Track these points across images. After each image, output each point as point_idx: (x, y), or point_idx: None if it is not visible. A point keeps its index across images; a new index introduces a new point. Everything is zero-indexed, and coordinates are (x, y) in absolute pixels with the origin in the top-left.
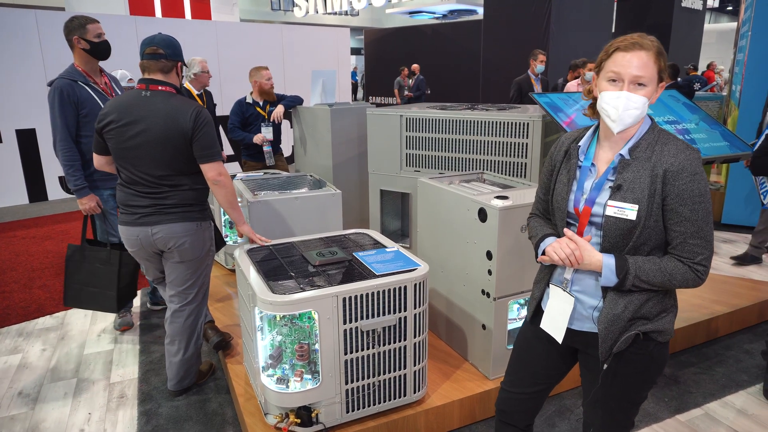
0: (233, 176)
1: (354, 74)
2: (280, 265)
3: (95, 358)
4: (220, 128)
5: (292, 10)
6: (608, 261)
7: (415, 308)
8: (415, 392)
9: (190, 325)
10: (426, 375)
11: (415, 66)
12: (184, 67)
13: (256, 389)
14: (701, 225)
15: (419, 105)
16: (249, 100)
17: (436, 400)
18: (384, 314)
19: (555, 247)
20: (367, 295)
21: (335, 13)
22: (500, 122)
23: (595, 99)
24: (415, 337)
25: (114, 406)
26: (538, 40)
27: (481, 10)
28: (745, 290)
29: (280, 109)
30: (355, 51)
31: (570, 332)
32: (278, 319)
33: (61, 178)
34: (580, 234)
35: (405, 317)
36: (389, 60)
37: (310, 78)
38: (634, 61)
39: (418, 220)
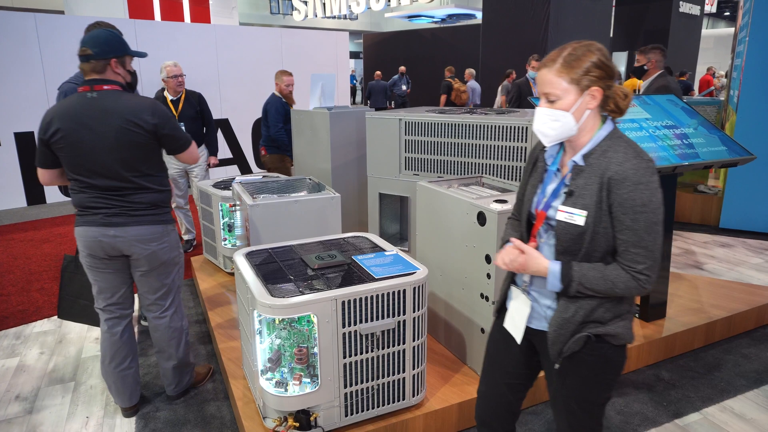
0: (232, 179)
1: (352, 78)
2: (279, 269)
3: (93, 361)
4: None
5: (291, 14)
6: (553, 268)
7: (413, 312)
8: (413, 396)
9: (176, 329)
10: (425, 378)
11: (402, 68)
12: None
13: (254, 393)
14: (642, 235)
15: (418, 109)
16: (283, 100)
17: (434, 403)
18: (383, 318)
19: (501, 253)
20: (366, 298)
21: (334, 17)
22: (499, 126)
23: None
24: (413, 340)
25: (112, 409)
26: (537, 44)
27: (479, 15)
28: (743, 295)
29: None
30: (354, 55)
31: (529, 330)
32: (277, 322)
33: None
34: (533, 235)
35: (404, 321)
36: (388, 64)
37: (309, 82)
38: (540, 79)
39: (417, 224)
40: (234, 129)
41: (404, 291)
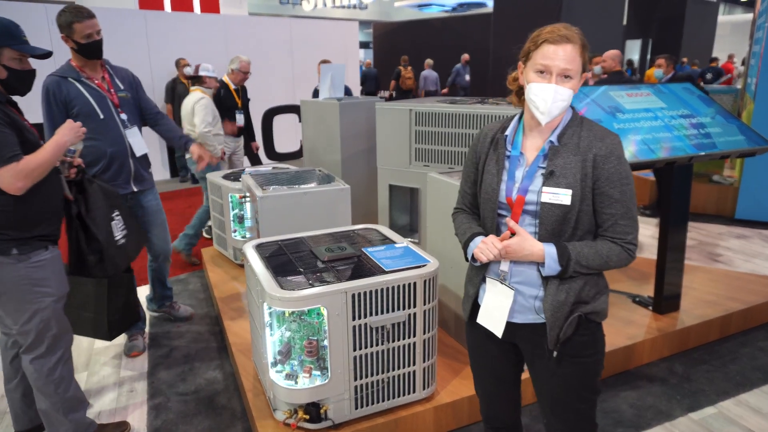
0: (242, 171)
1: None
2: (288, 261)
3: (105, 352)
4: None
5: (301, 4)
6: (550, 250)
7: (424, 304)
8: (424, 389)
9: (34, 382)
10: (435, 372)
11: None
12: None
13: (264, 385)
14: (629, 206)
15: (430, 99)
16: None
17: (445, 396)
18: (393, 310)
19: (482, 249)
20: (376, 291)
21: (344, 7)
22: (510, 117)
23: (520, 88)
24: (424, 333)
25: (124, 400)
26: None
27: (490, 3)
28: (759, 287)
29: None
30: (363, 44)
31: (511, 326)
32: (287, 315)
33: None
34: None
35: (414, 314)
36: (398, 54)
37: (319, 72)
38: (562, 54)
39: (428, 216)
40: None
41: (415, 284)
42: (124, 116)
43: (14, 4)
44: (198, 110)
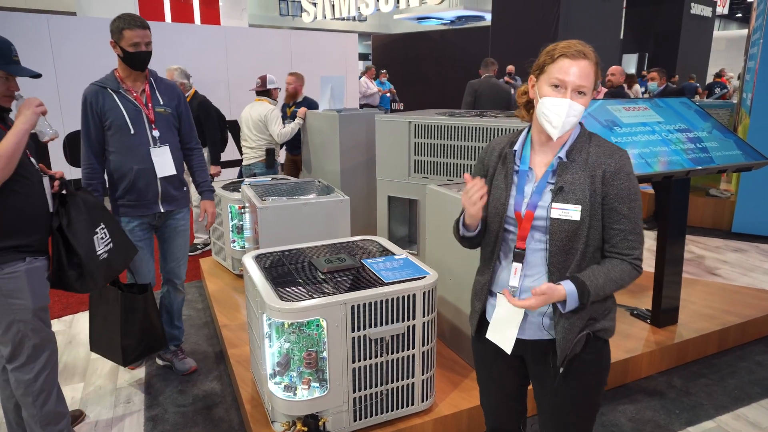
0: (241, 181)
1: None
2: (288, 272)
3: (102, 362)
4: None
5: (301, 16)
6: (570, 289)
7: (423, 316)
8: (423, 401)
9: (15, 392)
10: (434, 384)
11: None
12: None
13: (263, 396)
14: (637, 221)
15: (427, 111)
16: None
17: (444, 409)
18: (392, 322)
19: (463, 198)
20: (375, 303)
21: (343, 19)
22: (509, 129)
23: (529, 101)
24: (423, 345)
25: (120, 411)
26: (546, 46)
27: (489, 17)
28: (757, 301)
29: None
30: (362, 56)
31: (518, 342)
32: (286, 326)
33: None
34: (523, 238)
35: (413, 325)
36: (397, 66)
37: (319, 83)
38: (578, 69)
39: (427, 228)
40: None
41: (414, 295)
42: (156, 133)
43: (16, 14)
44: (273, 119)
